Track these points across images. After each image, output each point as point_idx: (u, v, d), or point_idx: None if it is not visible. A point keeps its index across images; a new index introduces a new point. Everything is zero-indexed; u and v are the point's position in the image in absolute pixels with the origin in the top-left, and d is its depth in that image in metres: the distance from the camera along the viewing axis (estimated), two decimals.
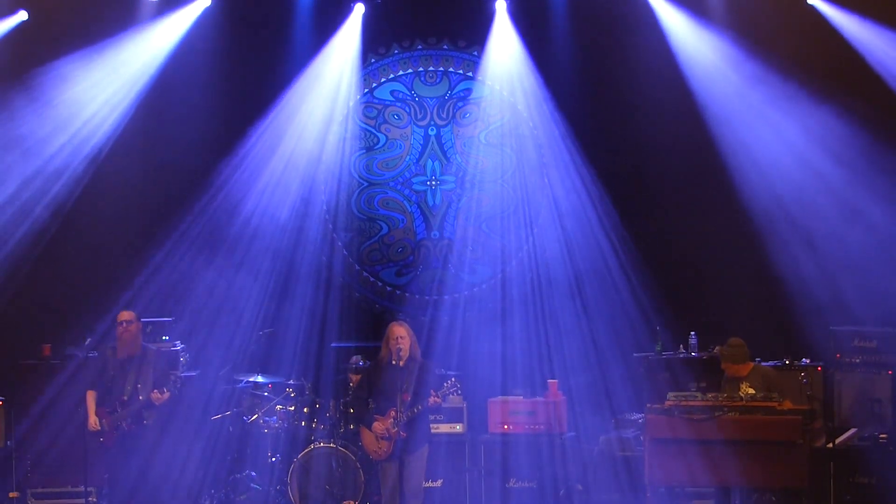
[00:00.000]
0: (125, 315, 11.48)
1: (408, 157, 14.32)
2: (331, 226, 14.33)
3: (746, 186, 13.39)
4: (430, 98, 14.32)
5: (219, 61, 13.98)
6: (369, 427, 11.09)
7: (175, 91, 13.86)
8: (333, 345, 13.24)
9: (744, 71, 13.36)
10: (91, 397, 11.36)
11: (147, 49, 13.76)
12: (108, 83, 13.69)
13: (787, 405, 10.81)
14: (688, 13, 13.58)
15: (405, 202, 14.32)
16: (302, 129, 14.21)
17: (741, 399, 10.78)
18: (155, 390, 11.20)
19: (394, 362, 11.09)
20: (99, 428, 11.22)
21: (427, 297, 14.28)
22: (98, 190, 13.85)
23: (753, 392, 10.91)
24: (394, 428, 10.96)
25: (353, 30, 14.12)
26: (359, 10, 14.05)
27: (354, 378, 12.43)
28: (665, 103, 13.68)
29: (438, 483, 12.62)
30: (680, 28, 13.61)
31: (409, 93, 14.32)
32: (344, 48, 14.13)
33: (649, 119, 13.79)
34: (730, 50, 13.40)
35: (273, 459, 12.65)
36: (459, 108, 14.30)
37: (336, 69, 14.15)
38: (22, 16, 13.60)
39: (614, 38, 13.83)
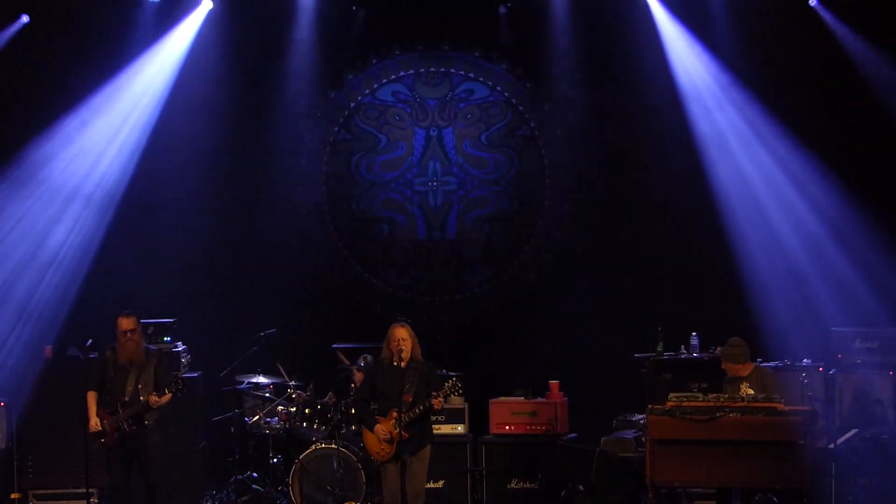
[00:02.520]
0: (128, 324, 11.29)
1: (409, 157, 14.32)
2: (332, 226, 14.33)
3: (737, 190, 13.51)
4: (432, 99, 14.32)
5: (222, 66, 13.99)
6: (371, 428, 11.10)
7: (183, 100, 13.87)
8: (334, 346, 13.23)
9: (733, 94, 13.50)
10: (92, 398, 11.34)
11: (158, 63, 13.80)
12: (125, 104, 13.78)
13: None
14: (691, 34, 13.64)
15: (406, 203, 14.32)
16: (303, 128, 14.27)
17: (742, 400, 10.78)
18: (153, 393, 11.17)
19: (395, 364, 11.09)
20: (100, 429, 11.20)
21: (428, 298, 14.29)
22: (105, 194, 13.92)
23: (754, 392, 10.92)
24: (395, 429, 10.96)
25: (355, 32, 14.12)
26: (360, 14, 14.07)
27: (358, 376, 12.44)
28: (663, 106, 13.72)
29: (440, 484, 12.63)
30: (680, 46, 13.68)
31: (410, 94, 14.33)
32: (345, 49, 14.14)
33: (649, 120, 13.81)
34: (725, 73, 13.51)
35: (274, 460, 12.66)
36: (461, 108, 14.30)
37: (336, 70, 14.17)
38: (24, 20, 13.61)
39: (614, 42, 13.87)
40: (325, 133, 14.31)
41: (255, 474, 12.71)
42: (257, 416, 12.74)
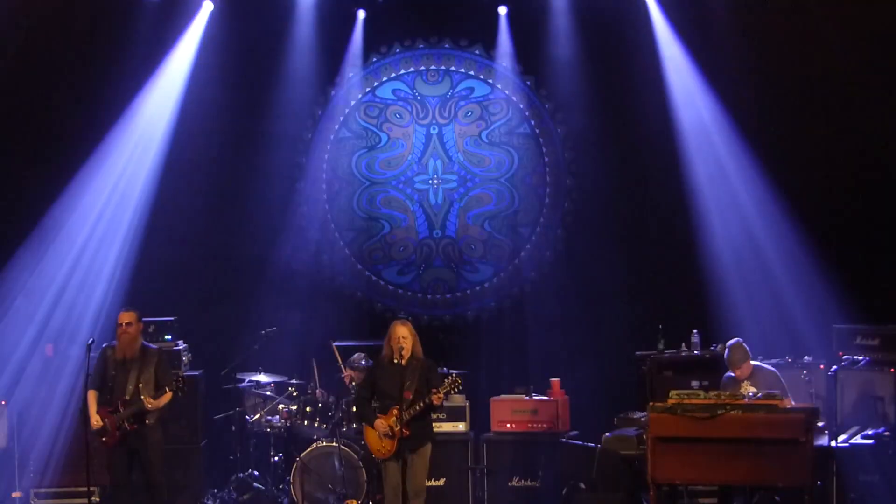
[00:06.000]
0: (125, 317, 11.41)
1: (410, 155, 14.32)
2: (332, 225, 14.33)
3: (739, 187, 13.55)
4: (432, 97, 14.32)
5: (222, 66, 13.96)
6: (372, 426, 11.10)
7: (186, 101, 13.87)
8: (336, 344, 13.22)
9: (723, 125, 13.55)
10: (92, 397, 11.34)
11: (170, 74, 13.82)
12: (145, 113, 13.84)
13: (788, 404, 10.80)
14: (687, 52, 13.67)
15: (407, 201, 14.32)
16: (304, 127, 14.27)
17: (743, 397, 10.77)
18: (148, 396, 11.17)
19: (396, 361, 11.10)
20: (102, 426, 11.21)
21: (429, 296, 14.29)
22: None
23: (754, 391, 10.92)
24: (396, 426, 10.96)
25: (355, 30, 14.13)
26: (360, 14, 14.07)
27: (348, 374, 12.47)
28: (664, 105, 13.71)
29: (441, 482, 12.63)
30: (676, 47, 13.68)
31: (410, 91, 14.32)
32: (345, 48, 14.15)
33: (649, 118, 13.80)
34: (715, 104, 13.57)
35: (276, 459, 12.67)
36: (461, 106, 14.30)
37: (337, 69, 14.17)
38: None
39: (614, 41, 13.86)
40: (326, 131, 14.30)
41: (256, 473, 12.72)
42: (258, 415, 12.74)
